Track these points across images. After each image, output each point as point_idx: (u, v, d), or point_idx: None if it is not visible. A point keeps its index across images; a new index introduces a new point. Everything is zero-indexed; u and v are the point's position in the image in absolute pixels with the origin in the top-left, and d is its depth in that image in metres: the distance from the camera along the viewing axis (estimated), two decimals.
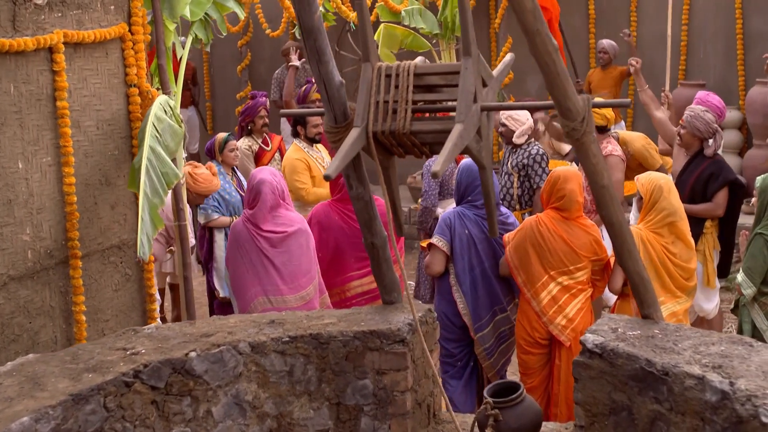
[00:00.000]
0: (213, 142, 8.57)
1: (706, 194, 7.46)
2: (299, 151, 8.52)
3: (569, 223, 6.03)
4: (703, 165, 7.53)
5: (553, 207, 6.07)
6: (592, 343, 4.46)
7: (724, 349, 4.33)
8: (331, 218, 6.94)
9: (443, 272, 6.39)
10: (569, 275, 5.99)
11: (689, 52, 11.38)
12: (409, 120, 4.11)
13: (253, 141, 9.30)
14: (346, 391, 4.70)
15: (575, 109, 3.94)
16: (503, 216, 6.44)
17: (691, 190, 7.46)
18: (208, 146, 8.44)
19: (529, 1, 3.59)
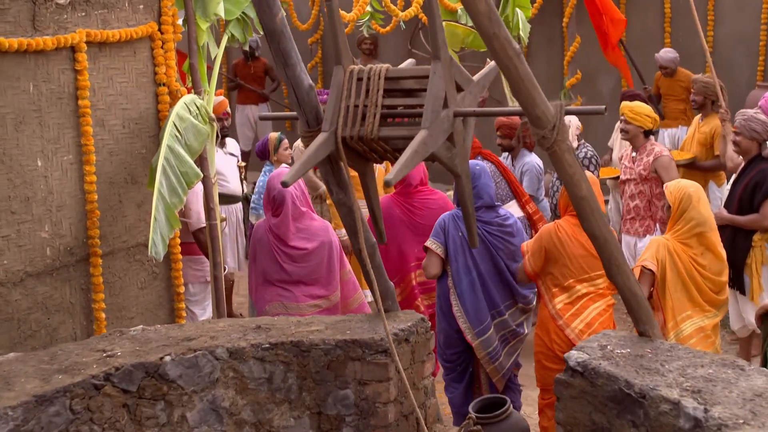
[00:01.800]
0: (266, 142, 8.56)
1: (753, 204, 7.10)
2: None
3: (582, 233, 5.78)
4: (752, 173, 7.14)
5: (571, 213, 5.85)
6: (574, 360, 4.26)
7: (712, 372, 4.08)
8: (392, 211, 7.02)
9: (441, 275, 6.23)
10: (590, 282, 5.77)
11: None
12: (377, 125, 3.99)
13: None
14: (327, 400, 4.62)
15: (545, 116, 3.76)
16: (501, 218, 6.24)
17: (739, 200, 7.10)
18: (260, 146, 8.44)
19: (482, 4, 3.43)
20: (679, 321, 5.77)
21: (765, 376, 4.03)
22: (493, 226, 6.12)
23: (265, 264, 6.15)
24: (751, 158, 7.26)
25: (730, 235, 7.15)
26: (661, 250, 5.80)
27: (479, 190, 6.09)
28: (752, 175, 7.16)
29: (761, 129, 7.11)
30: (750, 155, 7.26)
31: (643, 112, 7.78)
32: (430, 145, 3.85)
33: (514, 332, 6.19)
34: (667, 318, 5.78)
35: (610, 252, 4.23)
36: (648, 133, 7.84)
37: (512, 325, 6.17)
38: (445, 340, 6.30)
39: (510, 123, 8.44)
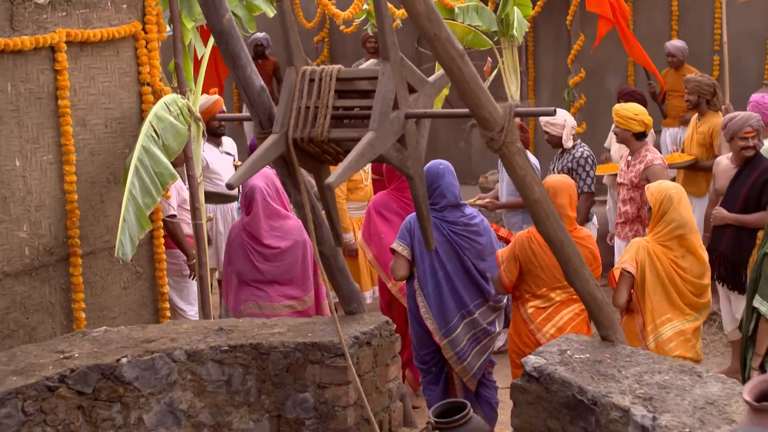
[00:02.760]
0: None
1: (760, 203, 6.98)
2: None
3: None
4: (757, 172, 7.01)
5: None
6: (531, 365, 4.20)
7: (668, 379, 4.01)
8: (390, 206, 7.05)
9: (408, 277, 6.17)
10: (563, 289, 5.68)
11: None
12: (327, 126, 3.94)
13: None
14: (286, 403, 4.58)
15: (492, 118, 3.69)
16: (467, 217, 6.17)
17: (745, 199, 6.97)
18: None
19: (421, 4, 3.37)
20: (658, 324, 5.69)
21: (721, 383, 3.96)
22: (459, 226, 6.06)
23: (240, 264, 6.13)
24: (744, 162, 7.13)
25: (734, 233, 7.06)
26: (641, 252, 5.71)
27: (443, 190, 6.04)
28: (758, 173, 7.02)
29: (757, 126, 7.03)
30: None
31: (628, 116, 7.64)
32: (377, 147, 3.80)
33: (486, 331, 6.13)
34: (647, 321, 5.69)
35: (567, 256, 4.16)
36: (640, 135, 7.69)
37: (483, 323, 6.11)
38: (418, 341, 6.27)
39: None
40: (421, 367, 6.37)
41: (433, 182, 6.11)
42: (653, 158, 7.56)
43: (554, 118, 8.11)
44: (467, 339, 6.16)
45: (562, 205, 5.67)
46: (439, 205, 6.12)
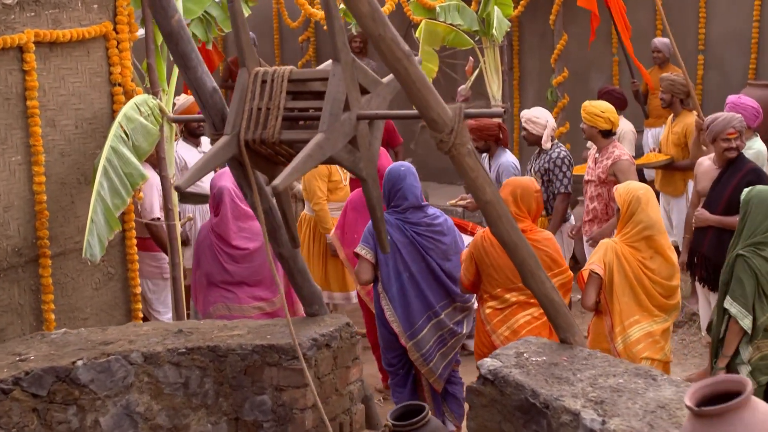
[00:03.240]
0: None
1: None
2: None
3: None
4: (741, 173, 6.95)
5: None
6: (486, 368, 4.18)
7: (623, 382, 3.99)
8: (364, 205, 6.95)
9: (373, 280, 6.16)
10: (520, 291, 5.62)
11: (760, 51, 10.65)
12: (278, 128, 3.92)
13: None
14: (244, 406, 4.56)
15: (441, 120, 3.67)
16: (430, 217, 6.13)
17: (728, 201, 6.91)
18: None
19: (365, 5, 3.34)
20: (626, 326, 5.65)
21: (675, 387, 3.93)
22: (421, 227, 6.03)
23: (208, 265, 6.10)
24: (726, 164, 7.06)
25: (715, 235, 7.00)
26: (609, 253, 5.68)
27: (405, 191, 6.02)
28: (742, 175, 6.96)
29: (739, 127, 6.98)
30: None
31: (595, 113, 7.62)
32: (327, 149, 3.78)
33: (452, 332, 6.11)
34: (615, 322, 5.66)
35: (522, 258, 4.13)
36: (607, 133, 7.67)
37: (449, 324, 6.08)
38: (384, 343, 6.25)
39: (478, 126, 8.34)
40: (388, 369, 6.35)
41: (395, 184, 6.09)
42: (620, 154, 7.55)
43: (537, 116, 8.09)
44: (433, 340, 6.13)
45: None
46: (402, 207, 6.10)
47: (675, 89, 8.59)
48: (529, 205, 5.76)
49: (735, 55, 10.80)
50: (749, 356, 5.56)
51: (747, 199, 5.59)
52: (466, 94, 9.90)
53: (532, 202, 5.77)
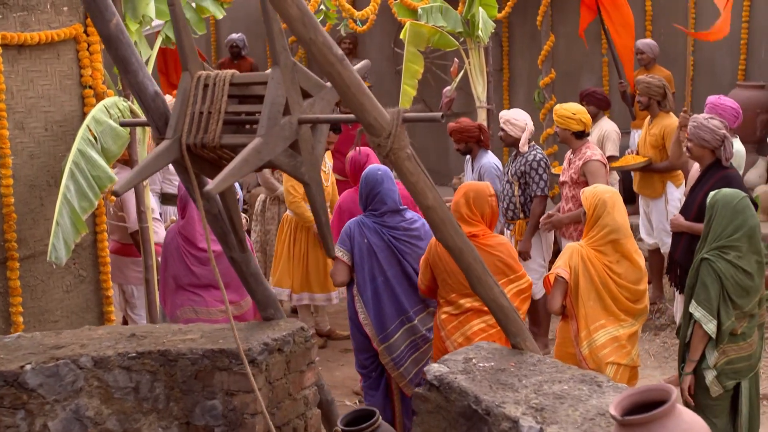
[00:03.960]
0: None
1: None
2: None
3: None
4: (714, 179, 6.89)
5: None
6: (432, 374, 4.14)
7: (567, 389, 3.95)
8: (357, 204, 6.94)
9: (349, 282, 6.13)
10: (473, 297, 5.56)
11: (749, 52, 10.58)
12: (219, 132, 3.89)
13: None
14: (194, 410, 4.54)
15: (378, 124, 3.64)
16: (407, 221, 6.11)
17: (699, 206, 6.84)
18: None
19: (294, 8, 3.32)
20: (592, 330, 5.60)
21: (617, 394, 3.88)
22: (399, 231, 6.01)
23: (175, 268, 6.09)
24: (708, 165, 6.99)
25: (687, 240, 6.95)
26: (575, 256, 5.64)
27: (382, 196, 5.99)
28: (713, 183, 6.88)
29: (710, 137, 6.84)
30: (705, 162, 6.99)
31: (566, 115, 7.62)
32: (264, 153, 3.75)
33: (425, 337, 6.08)
34: (581, 327, 5.62)
35: (467, 263, 4.09)
36: (580, 134, 7.64)
37: (422, 330, 6.05)
38: (357, 345, 6.24)
39: (459, 128, 8.32)
40: (360, 371, 6.33)
41: (373, 188, 6.07)
42: (591, 155, 7.54)
43: (516, 118, 8.06)
44: (405, 345, 6.11)
45: (459, 205, 5.65)
46: (380, 211, 6.08)
47: (651, 91, 8.55)
48: (482, 209, 5.72)
49: (725, 56, 10.73)
50: (715, 361, 5.51)
51: (712, 203, 5.54)
52: (451, 95, 9.86)
53: (486, 206, 5.73)
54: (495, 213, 5.83)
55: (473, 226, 5.72)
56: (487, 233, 5.79)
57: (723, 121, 6.98)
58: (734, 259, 5.44)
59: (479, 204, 5.74)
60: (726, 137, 6.84)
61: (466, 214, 5.72)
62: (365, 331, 6.14)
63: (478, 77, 9.77)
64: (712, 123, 6.87)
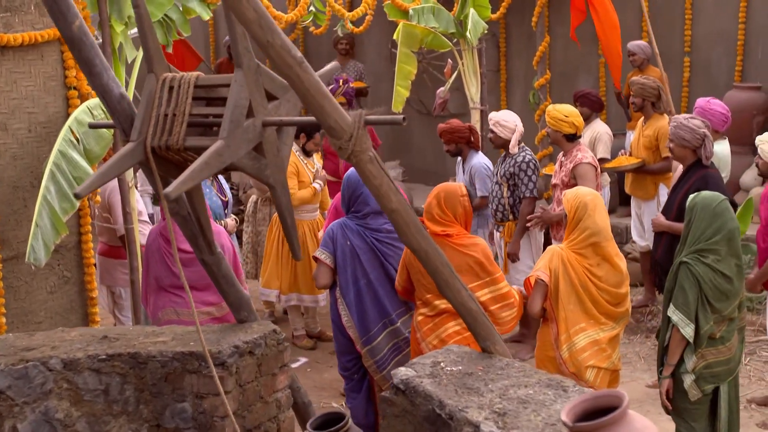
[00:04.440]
0: None
1: None
2: (292, 155, 8.39)
3: (443, 244, 5.55)
4: (692, 179, 6.90)
5: (431, 227, 5.71)
6: (398, 378, 4.12)
7: (532, 393, 3.92)
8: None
9: (331, 285, 6.12)
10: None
11: (746, 52, 10.52)
12: (183, 134, 3.89)
13: None
14: (164, 413, 4.53)
15: (339, 126, 3.62)
16: (389, 224, 6.06)
17: (679, 206, 6.84)
18: None
19: (251, 11, 3.30)
20: (572, 333, 5.57)
21: None
22: (381, 233, 5.98)
23: (157, 269, 6.08)
24: (689, 165, 7.01)
25: (668, 241, 6.95)
26: (555, 259, 5.60)
27: (365, 197, 5.97)
28: (693, 182, 6.90)
29: (690, 137, 6.85)
30: (687, 162, 7.02)
31: (559, 117, 7.57)
32: (227, 156, 3.74)
33: (408, 340, 6.05)
34: (560, 330, 5.58)
35: (434, 266, 4.07)
36: (572, 137, 7.61)
37: (405, 332, 6.03)
38: (340, 348, 6.21)
39: (449, 128, 8.31)
40: (343, 373, 6.31)
41: (356, 190, 6.05)
42: (582, 157, 7.49)
43: (506, 120, 8.03)
44: (388, 348, 6.08)
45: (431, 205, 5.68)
46: (362, 213, 6.06)
47: (645, 93, 8.51)
48: (454, 210, 5.69)
49: (721, 56, 10.68)
50: (693, 365, 5.47)
51: (691, 205, 5.50)
52: (445, 96, 9.84)
53: (458, 206, 5.70)
54: (468, 213, 5.79)
55: (446, 227, 5.70)
56: (461, 233, 5.76)
57: (704, 120, 6.98)
58: (713, 262, 5.39)
59: (451, 204, 5.71)
60: (706, 136, 6.84)
61: (437, 214, 5.70)
62: (348, 334, 6.12)
63: (471, 78, 9.74)
64: (693, 123, 6.88)
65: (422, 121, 12.57)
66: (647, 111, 8.57)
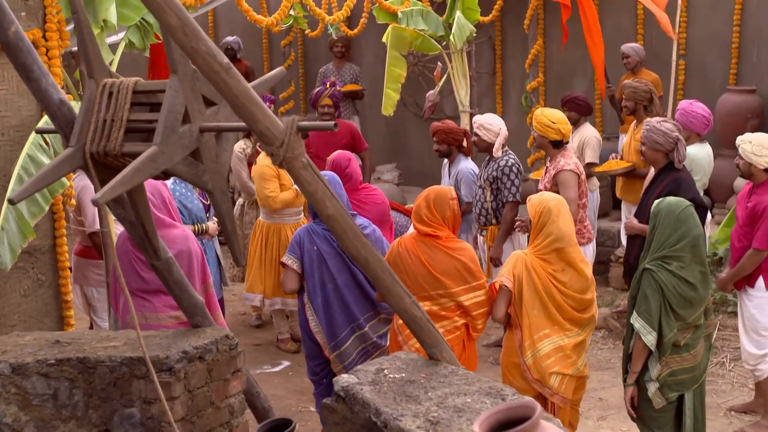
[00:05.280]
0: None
1: None
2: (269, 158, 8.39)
3: (432, 245, 5.59)
4: (664, 182, 6.86)
5: (417, 229, 5.70)
6: (340, 384, 4.10)
7: (470, 402, 3.89)
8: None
9: (299, 290, 6.10)
10: (432, 300, 5.55)
11: (741, 55, 10.43)
12: (120, 140, 3.88)
13: (249, 144, 9.19)
14: (113, 418, 4.52)
15: (270, 132, 3.60)
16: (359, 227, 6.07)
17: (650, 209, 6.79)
18: None
19: (173, 17, 3.29)
20: (536, 339, 5.54)
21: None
22: None
23: (125, 273, 6.06)
24: (661, 168, 6.99)
25: (640, 244, 6.88)
26: (519, 265, 5.57)
27: None
28: (664, 185, 6.88)
29: (662, 140, 6.82)
30: (659, 165, 7.00)
31: (545, 123, 7.49)
32: (160, 162, 3.73)
33: (376, 344, 6.05)
34: (524, 336, 5.55)
35: (374, 273, 4.05)
36: (557, 143, 7.54)
37: (373, 337, 6.02)
38: (308, 351, 6.22)
39: (444, 128, 8.30)
40: (312, 378, 6.31)
41: None
42: (564, 164, 7.41)
43: (490, 123, 8.00)
44: (357, 352, 6.08)
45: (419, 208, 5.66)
46: None
47: (638, 96, 8.45)
48: (443, 212, 5.67)
49: (716, 58, 10.60)
50: (657, 373, 5.42)
51: (656, 211, 5.45)
52: (435, 100, 9.80)
53: (446, 209, 5.67)
54: (457, 216, 5.77)
55: (435, 229, 5.68)
56: (450, 237, 5.74)
57: (676, 124, 6.95)
58: (676, 269, 5.35)
59: (440, 207, 5.69)
60: (679, 140, 6.81)
61: (426, 216, 5.68)
62: (316, 339, 6.11)
63: (460, 81, 9.70)
64: (665, 126, 6.85)
65: (418, 124, 12.56)
66: (639, 114, 8.51)
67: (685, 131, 7.55)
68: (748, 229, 6.48)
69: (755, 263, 6.47)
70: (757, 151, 6.40)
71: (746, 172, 6.51)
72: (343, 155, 7.43)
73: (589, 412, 7.21)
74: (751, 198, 6.50)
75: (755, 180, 6.50)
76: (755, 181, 6.51)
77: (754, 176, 6.49)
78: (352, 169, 7.29)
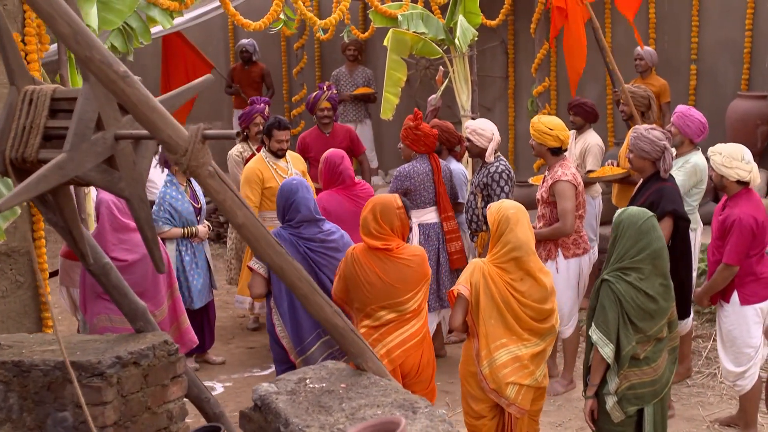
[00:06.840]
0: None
1: None
2: (260, 161, 8.40)
3: (384, 258, 5.54)
4: (649, 191, 6.74)
5: (368, 240, 5.65)
6: (257, 393, 4.09)
7: (381, 414, 3.86)
8: (344, 206, 7.24)
9: (266, 295, 6.09)
10: (392, 308, 5.51)
11: (752, 61, 10.21)
12: (37, 147, 3.90)
13: (246, 148, 9.21)
14: (47, 422, 4.55)
15: (173, 141, 3.60)
16: (324, 233, 6.03)
17: None
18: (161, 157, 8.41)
19: (64, 26, 3.30)
20: (492, 349, 5.46)
21: (428, 420, 3.78)
22: (315, 242, 5.95)
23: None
24: (648, 177, 6.85)
25: None
26: (476, 273, 5.50)
27: (297, 204, 5.96)
28: (648, 195, 6.75)
29: (650, 148, 6.68)
30: (646, 173, 6.87)
31: (543, 130, 7.31)
32: (69, 169, 3.74)
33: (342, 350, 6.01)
34: (481, 345, 5.48)
35: (291, 281, 4.02)
36: (556, 150, 7.36)
37: None
38: (276, 356, 6.22)
39: (444, 127, 8.32)
40: None
41: (288, 198, 6.04)
42: (561, 174, 7.23)
43: (483, 128, 7.93)
44: (323, 358, 6.04)
45: (364, 223, 5.62)
46: (295, 221, 6.03)
47: (635, 102, 8.30)
48: (391, 223, 5.63)
49: (727, 64, 10.40)
50: (616, 386, 5.32)
51: (617, 222, 5.34)
52: (436, 104, 9.74)
53: (394, 219, 5.63)
54: (405, 225, 5.73)
55: (385, 242, 5.65)
56: (400, 246, 5.70)
57: (665, 132, 6.81)
58: (635, 280, 5.24)
59: (387, 218, 5.65)
60: (666, 149, 6.68)
61: (375, 229, 5.64)
62: (281, 343, 6.10)
63: (462, 86, 9.63)
64: (653, 134, 6.72)
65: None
66: (636, 121, 8.36)
67: (679, 136, 7.40)
68: (720, 243, 6.34)
69: (726, 279, 6.33)
70: (726, 162, 6.26)
71: (719, 184, 6.37)
72: (336, 153, 7.48)
73: (569, 422, 7.11)
74: (723, 211, 6.36)
75: (728, 192, 6.36)
76: (728, 193, 6.36)
77: (727, 188, 6.35)
78: (345, 166, 7.39)
